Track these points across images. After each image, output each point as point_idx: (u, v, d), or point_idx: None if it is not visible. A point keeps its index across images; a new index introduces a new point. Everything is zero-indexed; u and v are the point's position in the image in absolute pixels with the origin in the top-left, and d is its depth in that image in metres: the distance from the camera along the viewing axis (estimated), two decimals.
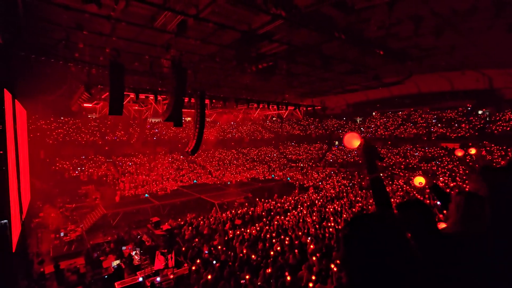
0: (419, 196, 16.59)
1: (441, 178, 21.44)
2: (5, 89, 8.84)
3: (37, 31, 11.10)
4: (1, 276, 7.93)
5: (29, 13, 9.37)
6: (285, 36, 11.39)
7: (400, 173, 25.38)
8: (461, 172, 22.63)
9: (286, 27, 10.30)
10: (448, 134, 29.22)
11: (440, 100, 32.12)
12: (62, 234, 13.69)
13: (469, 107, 30.91)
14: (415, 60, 15.41)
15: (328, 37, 11.43)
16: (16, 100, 11.41)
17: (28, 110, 18.50)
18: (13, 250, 8.50)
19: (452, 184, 19.30)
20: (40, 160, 24.38)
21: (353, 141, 2.12)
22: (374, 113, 39.58)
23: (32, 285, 9.15)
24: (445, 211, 3.66)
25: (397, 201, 14.90)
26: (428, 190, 13.94)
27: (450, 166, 24.50)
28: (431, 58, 15.87)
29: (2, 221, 8.03)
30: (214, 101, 20.58)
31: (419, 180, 3.74)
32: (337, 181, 25.16)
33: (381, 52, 12.91)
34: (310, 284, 6.31)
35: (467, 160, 23.65)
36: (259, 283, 6.98)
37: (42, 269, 10.05)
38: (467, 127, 28.39)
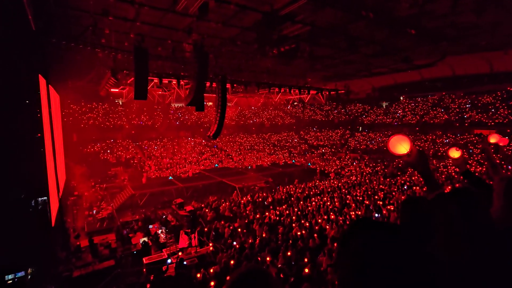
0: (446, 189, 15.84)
1: (472, 168, 20.24)
2: (39, 75, 9.35)
3: (66, 19, 11.51)
4: (43, 247, 8.73)
5: (59, 1, 9.69)
6: (308, 17, 10.92)
7: None
8: (497, 161, 21.18)
9: (310, 6, 9.85)
10: (483, 120, 27.25)
11: (476, 83, 29.79)
12: (94, 211, 14.71)
13: (510, 90, 28.42)
14: (451, 40, 14.25)
15: (354, 16, 10.82)
16: (49, 85, 12.07)
17: (60, 95, 19.56)
18: (53, 225, 9.29)
19: (484, 177, 18.18)
20: (73, 143, 25.97)
21: (400, 145, 1.57)
22: (401, 98, 37.63)
23: (70, 257, 10.01)
24: None
25: (421, 192, 14.28)
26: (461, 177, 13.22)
27: (484, 155, 22.99)
28: (469, 37, 14.58)
29: (42, 198, 8.75)
30: (235, 85, 20.53)
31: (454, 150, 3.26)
32: (360, 168, 24.59)
33: (413, 32, 12.05)
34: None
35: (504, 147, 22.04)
36: (279, 265, 7.14)
37: (78, 243, 10.94)
38: (505, 112, 26.26)
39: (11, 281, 7.68)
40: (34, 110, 8.94)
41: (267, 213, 13.08)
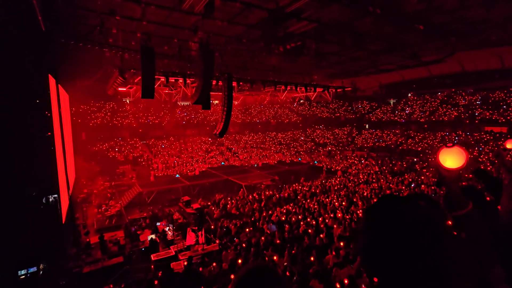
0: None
1: (482, 166, 19.88)
2: (49, 74, 9.52)
3: (74, 19, 11.66)
4: (54, 243, 8.92)
5: (67, 1, 9.82)
6: (314, 13, 10.83)
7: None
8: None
9: (316, 3, 9.77)
10: (494, 117, 26.65)
11: (487, 79, 29.05)
12: (103, 209, 14.95)
13: None
14: (460, 36, 13.95)
15: (361, 12, 10.68)
16: (59, 85, 12.28)
17: (69, 95, 19.87)
18: (63, 222, 9.48)
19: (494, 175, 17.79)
20: (82, 141, 26.39)
21: (451, 160, 1.29)
22: (409, 95, 37.06)
23: (80, 253, 10.21)
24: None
25: (429, 191, 14.07)
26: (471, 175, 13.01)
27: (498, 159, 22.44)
28: (479, 33, 14.25)
29: (53, 196, 8.92)
30: (241, 83, 20.54)
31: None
32: (367, 166, 24.38)
33: (421, 28, 11.82)
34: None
35: None
36: (285, 263, 7.15)
37: (88, 239, 11.14)
38: None
39: (24, 276, 7.88)
40: (44, 110, 9.11)
41: (271, 211, 13.10)
